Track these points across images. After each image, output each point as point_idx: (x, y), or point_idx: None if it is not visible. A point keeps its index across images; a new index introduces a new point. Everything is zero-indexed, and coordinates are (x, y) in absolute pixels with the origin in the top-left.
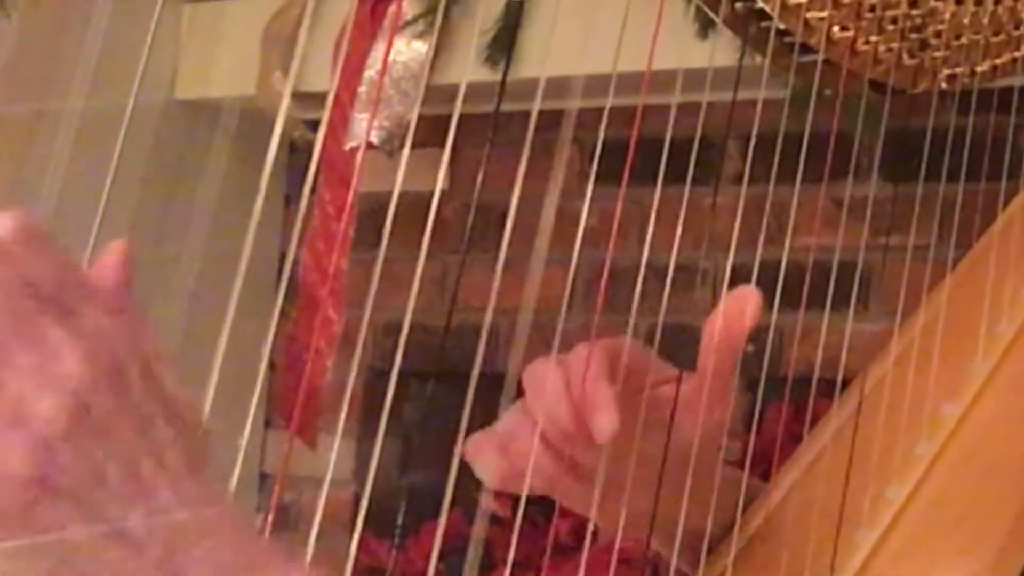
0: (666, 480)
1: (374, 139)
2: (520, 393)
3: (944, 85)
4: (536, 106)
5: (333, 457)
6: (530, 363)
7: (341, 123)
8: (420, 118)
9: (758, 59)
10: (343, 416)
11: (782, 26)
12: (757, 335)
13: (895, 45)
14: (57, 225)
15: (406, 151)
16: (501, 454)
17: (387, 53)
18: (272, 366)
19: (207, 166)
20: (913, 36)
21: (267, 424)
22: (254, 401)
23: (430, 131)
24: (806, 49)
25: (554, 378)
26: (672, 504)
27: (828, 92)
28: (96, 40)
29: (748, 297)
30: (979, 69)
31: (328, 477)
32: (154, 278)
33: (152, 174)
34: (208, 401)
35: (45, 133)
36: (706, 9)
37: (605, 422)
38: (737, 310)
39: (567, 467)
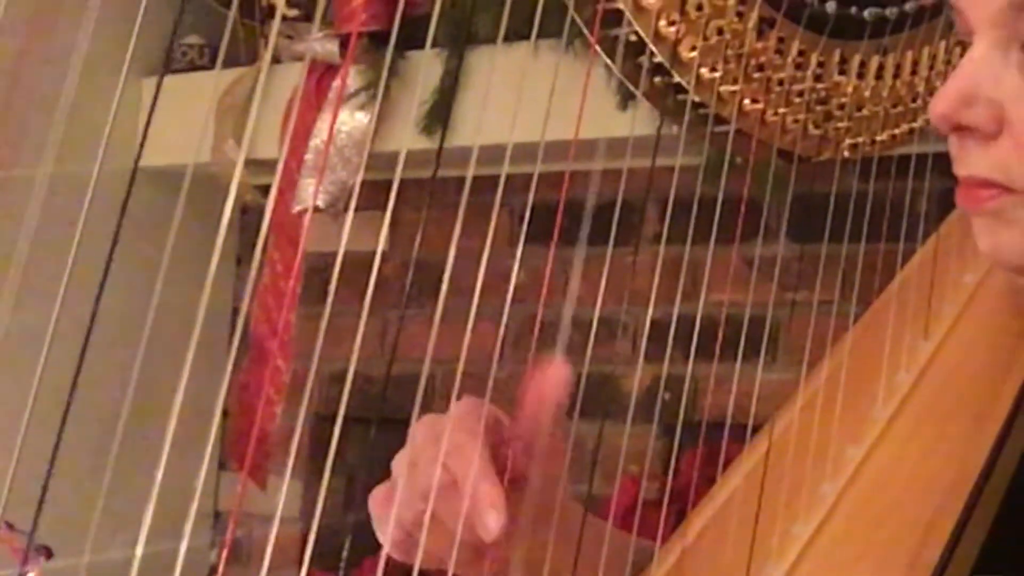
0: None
1: (320, 203)
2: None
3: (847, 153)
4: (470, 172)
5: (283, 497)
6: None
7: (289, 188)
8: (362, 183)
9: (675, 129)
10: (292, 459)
11: (697, 99)
12: (675, 384)
13: (801, 116)
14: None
15: (350, 214)
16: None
17: (332, 123)
18: (225, 413)
19: (165, 228)
20: (818, 108)
21: (221, 466)
22: (209, 445)
23: (372, 195)
24: (719, 120)
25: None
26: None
27: (739, 160)
28: (63, 111)
29: (557, 370)
30: (879, 138)
31: (278, 515)
32: (117, 330)
33: (114, 235)
34: (166, 445)
35: (14, 198)
36: (627, 84)
37: (492, 520)
38: (547, 381)
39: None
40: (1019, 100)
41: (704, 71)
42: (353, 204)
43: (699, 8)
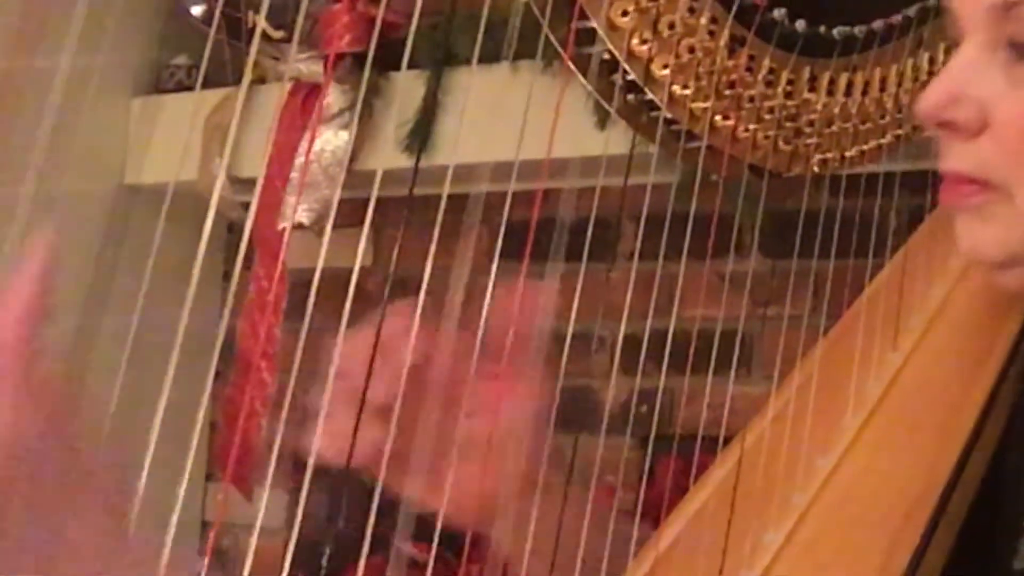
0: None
1: (303, 220)
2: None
3: (817, 169)
4: (447, 190)
5: (263, 507)
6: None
7: (273, 205)
8: (344, 201)
9: (648, 147)
10: (270, 469)
11: (669, 115)
12: (649, 396)
13: (772, 133)
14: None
15: (330, 230)
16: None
17: (312, 142)
18: (212, 425)
19: (153, 244)
20: (788, 125)
21: (208, 477)
22: (191, 455)
23: (353, 212)
24: (691, 137)
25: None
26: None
27: (712, 176)
28: (49, 129)
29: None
30: (848, 155)
31: (258, 524)
32: (107, 344)
33: (102, 251)
34: (149, 456)
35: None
36: (601, 101)
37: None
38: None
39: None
40: (1003, 100)
41: (676, 88)
42: (335, 221)
43: (671, 27)
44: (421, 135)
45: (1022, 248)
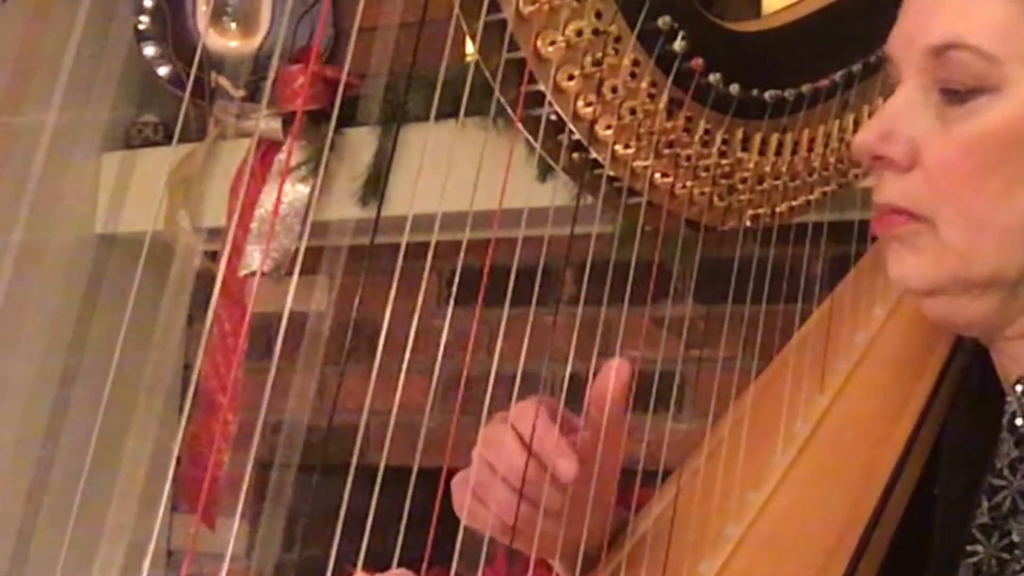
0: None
1: (264, 267)
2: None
3: (749, 223)
4: (404, 239)
5: (233, 537)
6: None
7: (236, 254)
8: (304, 250)
9: (591, 200)
10: (241, 502)
11: (612, 173)
12: None
13: (707, 189)
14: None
15: (289, 276)
16: (474, 498)
17: (280, 194)
18: (177, 460)
19: (122, 290)
20: (723, 182)
21: (173, 508)
22: (166, 488)
23: (312, 261)
24: (632, 192)
25: (510, 438)
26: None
27: (649, 228)
28: (32, 183)
29: (622, 365)
30: (778, 210)
31: (229, 552)
32: (80, 385)
33: (76, 297)
34: (123, 488)
35: None
36: (548, 159)
37: (565, 465)
38: (611, 378)
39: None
40: (933, 140)
41: (618, 148)
42: (291, 269)
43: (614, 90)
44: (376, 188)
45: (945, 278)
